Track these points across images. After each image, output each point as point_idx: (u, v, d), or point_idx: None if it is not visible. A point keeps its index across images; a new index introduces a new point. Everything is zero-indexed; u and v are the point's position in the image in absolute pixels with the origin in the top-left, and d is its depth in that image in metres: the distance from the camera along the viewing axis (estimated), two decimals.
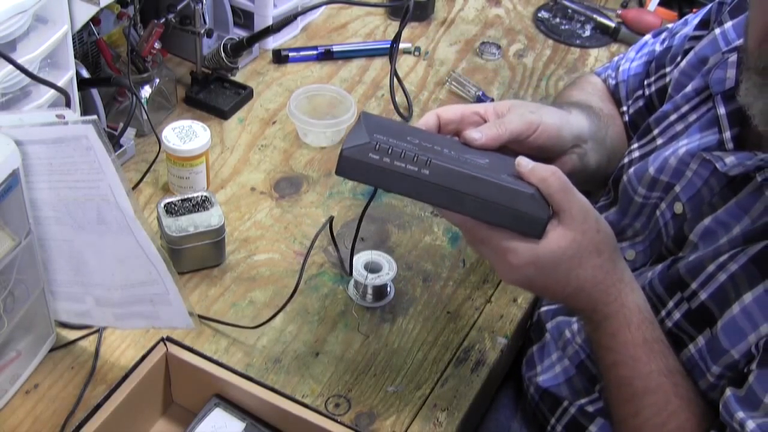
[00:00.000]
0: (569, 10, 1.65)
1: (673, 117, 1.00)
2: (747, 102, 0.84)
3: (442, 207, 0.82)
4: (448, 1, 1.67)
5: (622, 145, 1.12)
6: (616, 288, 0.84)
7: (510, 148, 0.91)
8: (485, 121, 0.92)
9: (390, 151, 0.79)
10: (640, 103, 1.12)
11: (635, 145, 1.04)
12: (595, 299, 0.84)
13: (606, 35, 1.62)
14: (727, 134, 0.89)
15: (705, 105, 0.96)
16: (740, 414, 0.78)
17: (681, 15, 1.62)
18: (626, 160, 1.03)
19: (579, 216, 0.81)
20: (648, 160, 0.99)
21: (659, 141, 1.00)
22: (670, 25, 1.16)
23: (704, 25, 1.05)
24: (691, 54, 1.03)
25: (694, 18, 1.09)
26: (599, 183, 1.09)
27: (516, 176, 0.82)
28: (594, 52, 1.58)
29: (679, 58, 1.06)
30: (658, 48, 1.13)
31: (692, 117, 0.97)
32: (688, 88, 0.99)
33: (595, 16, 1.63)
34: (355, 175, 0.81)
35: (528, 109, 0.93)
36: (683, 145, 0.95)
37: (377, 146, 0.79)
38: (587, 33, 1.62)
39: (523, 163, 0.82)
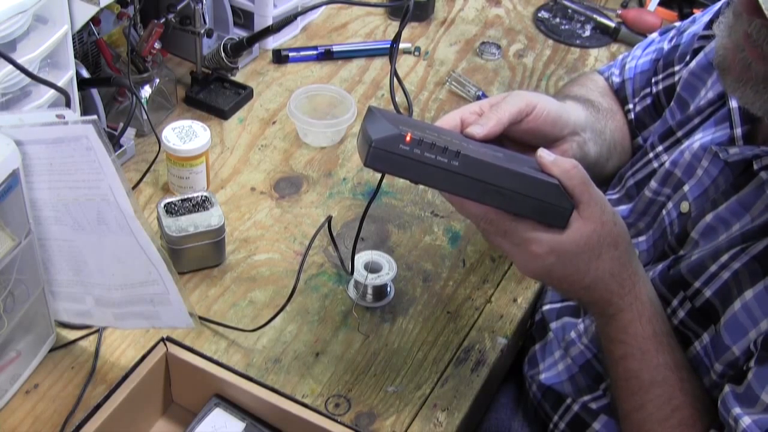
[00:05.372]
0: (569, 10, 1.65)
1: (696, 120, 1.00)
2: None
3: (469, 198, 0.81)
4: (448, 1, 1.67)
5: (624, 140, 1.12)
6: (631, 281, 0.85)
7: (509, 134, 0.91)
8: None
9: (421, 142, 0.77)
10: (648, 101, 1.12)
11: (660, 148, 1.04)
12: (611, 291, 0.85)
13: (606, 35, 1.61)
14: (738, 131, 0.90)
15: (725, 105, 0.96)
16: (737, 410, 0.78)
17: (681, 15, 1.62)
18: (656, 164, 1.03)
19: (598, 208, 0.82)
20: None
21: (684, 142, 1.00)
22: (677, 24, 1.15)
23: (713, 24, 1.05)
24: (701, 55, 1.03)
25: (702, 16, 1.09)
26: (600, 176, 1.09)
27: (535, 168, 0.82)
28: (594, 52, 1.58)
29: (688, 57, 1.06)
30: (666, 46, 1.12)
31: (711, 113, 0.98)
32: (711, 94, 0.99)
33: (595, 16, 1.63)
34: (384, 166, 0.79)
35: (524, 92, 0.93)
36: (698, 139, 0.95)
37: (408, 137, 0.77)
38: (587, 33, 1.62)
39: (544, 154, 0.83)
